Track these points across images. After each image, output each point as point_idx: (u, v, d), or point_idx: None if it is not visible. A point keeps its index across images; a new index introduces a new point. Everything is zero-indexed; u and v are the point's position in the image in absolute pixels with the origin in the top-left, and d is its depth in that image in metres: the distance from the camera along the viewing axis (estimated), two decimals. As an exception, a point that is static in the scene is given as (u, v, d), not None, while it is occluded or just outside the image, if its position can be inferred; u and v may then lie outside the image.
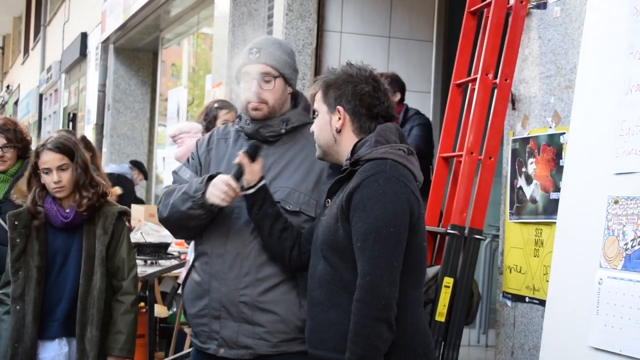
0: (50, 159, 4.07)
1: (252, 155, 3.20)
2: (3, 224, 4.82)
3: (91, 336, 3.96)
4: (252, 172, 3.18)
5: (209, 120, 5.59)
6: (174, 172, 3.50)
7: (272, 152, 3.31)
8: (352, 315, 2.79)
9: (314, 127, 3.10)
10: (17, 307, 4.00)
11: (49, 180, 4.07)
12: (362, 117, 3.02)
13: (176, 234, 3.49)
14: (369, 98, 3.01)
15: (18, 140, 4.94)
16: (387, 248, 2.80)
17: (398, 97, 5.93)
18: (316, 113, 3.10)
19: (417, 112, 6.19)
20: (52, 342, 4.03)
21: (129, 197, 10.15)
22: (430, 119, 7.55)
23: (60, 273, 4.08)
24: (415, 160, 3.00)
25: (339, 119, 3.02)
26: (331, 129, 3.03)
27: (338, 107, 3.01)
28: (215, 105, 5.75)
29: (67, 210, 4.09)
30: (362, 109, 3.01)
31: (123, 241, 4.14)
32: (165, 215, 3.34)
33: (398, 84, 5.99)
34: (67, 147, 4.11)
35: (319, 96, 3.07)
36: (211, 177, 3.21)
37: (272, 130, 3.32)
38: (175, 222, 3.34)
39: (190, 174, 3.41)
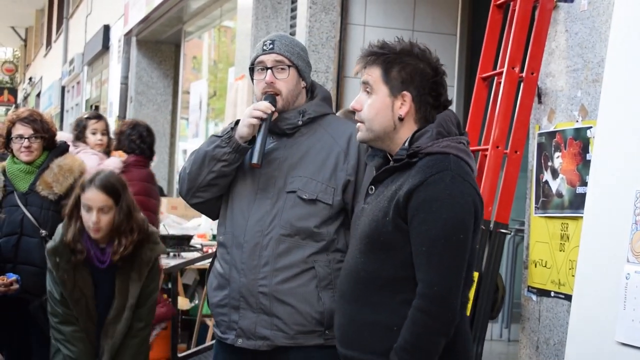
0: (93, 197, 4.00)
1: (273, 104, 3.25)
2: (30, 216, 4.85)
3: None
4: None
5: (79, 130, 6.13)
6: None
7: (290, 143, 3.32)
8: (412, 324, 2.62)
9: (363, 106, 2.82)
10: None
11: (88, 218, 4.01)
12: (427, 107, 2.77)
13: (192, 197, 3.35)
14: (436, 86, 2.78)
15: (45, 130, 4.95)
16: (456, 257, 2.63)
17: None
18: (368, 89, 2.81)
19: None
20: None
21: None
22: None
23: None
24: (471, 153, 2.84)
25: (402, 105, 2.77)
26: (393, 115, 2.76)
27: (404, 92, 2.76)
28: (85, 115, 6.21)
29: (104, 255, 4.09)
30: (429, 98, 2.77)
31: (152, 284, 4.20)
32: (188, 170, 3.32)
33: None
34: (114, 189, 4.04)
35: (377, 74, 2.77)
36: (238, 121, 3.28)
37: (289, 122, 3.31)
38: (194, 174, 3.30)
39: None
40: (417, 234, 2.65)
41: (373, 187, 2.85)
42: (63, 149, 5.12)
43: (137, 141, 6.39)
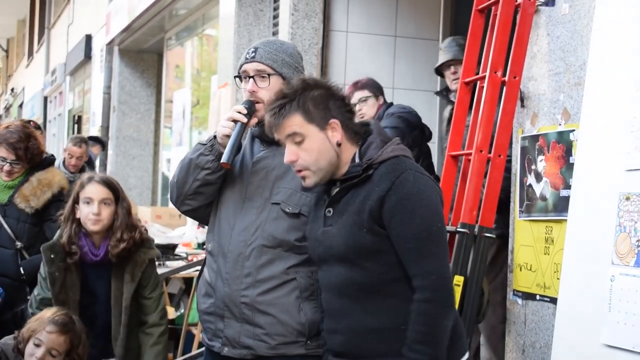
0: (95, 190, 4.02)
1: (249, 110, 3.24)
2: (7, 227, 4.83)
3: None
4: None
5: None
6: None
7: (279, 152, 3.29)
8: (420, 316, 2.74)
9: (299, 155, 2.90)
10: None
11: (88, 211, 4.00)
12: (349, 122, 2.93)
13: (181, 205, 3.38)
14: (342, 100, 2.95)
15: (28, 159, 4.91)
16: (440, 245, 2.80)
17: (382, 100, 5.67)
18: (297, 139, 2.90)
19: (399, 106, 5.77)
20: None
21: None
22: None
23: (89, 309, 4.10)
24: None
25: (334, 132, 2.89)
26: (332, 146, 2.89)
27: (331, 120, 2.88)
28: (25, 121, 6.15)
29: (99, 249, 4.06)
30: (347, 114, 2.94)
31: (151, 285, 4.15)
32: (176, 179, 3.34)
33: (378, 87, 5.72)
34: (114, 185, 4.09)
35: (299, 119, 2.87)
36: None
37: None
38: (181, 182, 3.31)
39: None
40: (398, 233, 2.78)
41: (331, 210, 2.94)
42: (47, 162, 5.08)
43: None
